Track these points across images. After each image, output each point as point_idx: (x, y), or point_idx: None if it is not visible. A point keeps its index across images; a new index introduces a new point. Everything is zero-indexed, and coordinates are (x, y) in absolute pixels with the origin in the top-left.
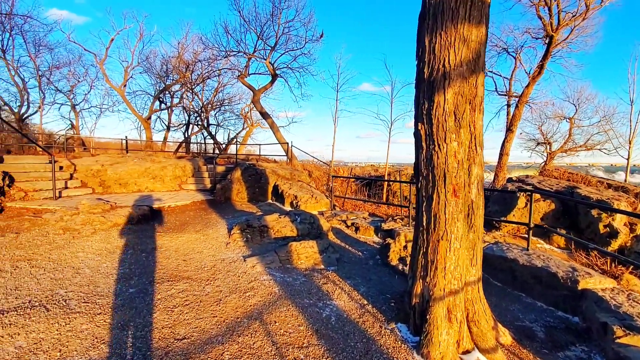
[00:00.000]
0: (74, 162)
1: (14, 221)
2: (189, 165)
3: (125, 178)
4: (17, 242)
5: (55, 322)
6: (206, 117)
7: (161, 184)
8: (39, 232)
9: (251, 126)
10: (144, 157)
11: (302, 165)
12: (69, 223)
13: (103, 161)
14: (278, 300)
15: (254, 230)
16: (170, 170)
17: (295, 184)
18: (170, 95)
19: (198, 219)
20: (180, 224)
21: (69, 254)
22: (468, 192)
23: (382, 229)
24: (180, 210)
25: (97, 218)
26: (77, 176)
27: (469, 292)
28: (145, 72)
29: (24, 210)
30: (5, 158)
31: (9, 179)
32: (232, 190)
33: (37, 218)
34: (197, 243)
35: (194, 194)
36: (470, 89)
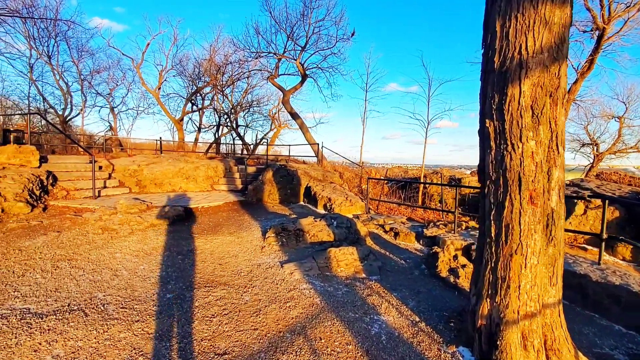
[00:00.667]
0: (112, 162)
1: (56, 219)
2: (220, 166)
3: (160, 178)
4: (58, 241)
5: (93, 329)
6: (235, 119)
7: (194, 184)
8: (79, 231)
9: (279, 127)
10: (178, 157)
11: (332, 167)
12: (107, 223)
13: (139, 161)
14: (321, 313)
15: (289, 234)
16: (202, 171)
17: (327, 185)
18: (202, 97)
19: (231, 221)
20: (214, 225)
21: (107, 255)
22: (547, 199)
23: (424, 235)
24: (213, 211)
25: (134, 218)
26: (115, 176)
27: (548, 316)
28: (179, 75)
29: (66, 208)
30: (49, 158)
31: (52, 178)
32: (263, 191)
33: (77, 217)
34: (232, 246)
35: (226, 195)
36: (552, 79)
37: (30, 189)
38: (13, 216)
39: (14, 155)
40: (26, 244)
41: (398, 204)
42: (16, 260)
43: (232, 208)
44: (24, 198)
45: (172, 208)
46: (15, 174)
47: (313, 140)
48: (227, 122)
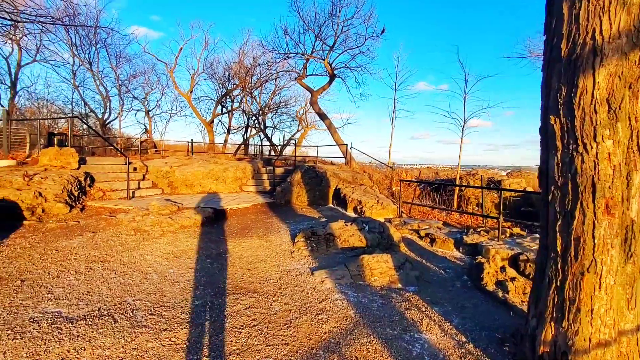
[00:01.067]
0: (146, 163)
1: (92, 220)
2: (249, 167)
3: (190, 179)
4: (93, 241)
5: (121, 336)
6: (263, 120)
7: (223, 185)
8: (113, 232)
9: (306, 128)
10: (208, 159)
11: (361, 168)
12: (140, 224)
13: (171, 163)
14: (356, 328)
15: (319, 239)
16: (231, 172)
17: (358, 187)
18: (231, 100)
19: (259, 223)
20: (242, 227)
21: (138, 257)
22: (627, 208)
23: (464, 242)
24: (242, 213)
25: (165, 220)
26: (148, 177)
27: (624, 345)
28: (209, 79)
29: (102, 209)
30: (88, 160)
31: (90, 179)
32: (292, 193)
33: (112, 217)
34: (260, 250)
35: (254, 196)
36: (631, 68)
37: (69, 190)
38: (53, 216)
39: (56, 157)
40: (63, 245)
41: (432, 207)
42: (53, 261)
43: (261, 210)
44: (63, 199)
45: (201, 210)
46: (56, 175)
47: (341, 140)
48: (255, 123)
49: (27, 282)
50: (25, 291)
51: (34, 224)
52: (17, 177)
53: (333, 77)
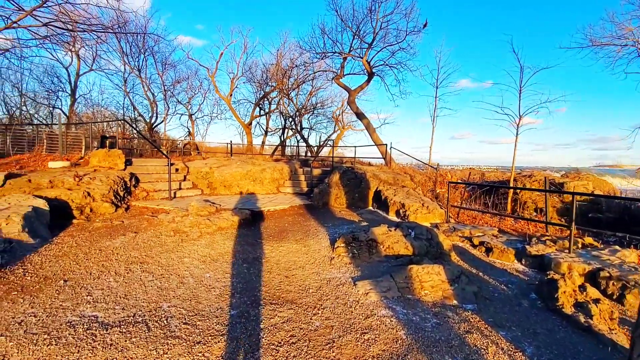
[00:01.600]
0: (187, 164)
1: (135, 220)
2: (286, 168)
3: (229, 180)
4: (134, 242)
5: (154, 348)
6: (299, 121)
7: (260, 187)
8: (154, 232)
9: (342, 129)
10: (246, 160)
11: (402, 169)
12: (179, 225)
13: (211, 164)
14: (409, 354)
15: (361, 245)
16: (269, 173)
17: (400, 190)
18: (269, 102)
19: (297, 226)
20: (280, 230)
21: (176, 259)
22: None
23: (527, 253)
24: (279, 215)
25: (203, 221)
26: (189, 178)
27: None
28: (248, 82)
29: (145, 209)
30: (133, 161)
31: (135, 180)
32: (330, 195)
33: (154, 218)
34: (298, 255)
35: (292, 198)
36: None
37: (115, 190)
38: (100, 215)
39: (104, 158)
40: (106, 244)
41: (483, 212)
42: (95, 261)
43: (298, 212)
44: (109, 199)
45: (239, 211)
46: (104, 176)
47: (380, 140)
48: (292, 125)
49: (69, 283)
50: (66, 292)
51: (82, 222)
52: (69, 178)
53: (371, 76)
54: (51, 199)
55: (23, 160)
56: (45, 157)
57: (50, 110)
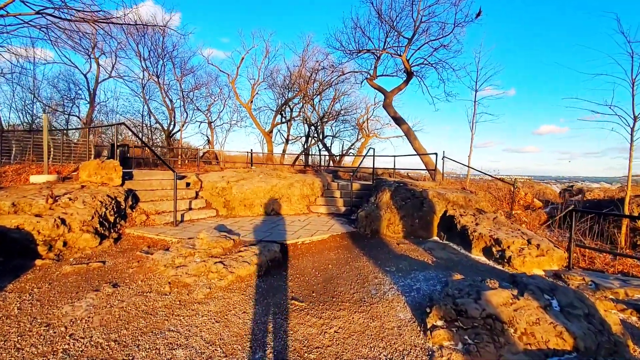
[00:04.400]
0: (200, 178)
1: (122, 259)
2: (317, 182)
3: (250, 198)
4: (106, 307)
5: None
6: (322, 129)
7: (288, 205)
8: (140, 286)
9: (367, 137)
10: (270, 172)
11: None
12: (179, 272)
13: (229, 177)
14: None
15: (476, 327)
16: (297, 189)
17: (482, 216)
18: (290, 109)
19: (346, 269)
20: (324, 279)
21: (164, 350)
22: None
23: None
24: (318, 250)
25: (214, 266)
26: (202, 194)
27: None
28: (269, 88)
29: (140, 240)
30: (134, 174)
31: (132, 199)
32: (380, 219)
33: (148, 256)
34: (366, 341)
35: (328, 221)
36: None
37: (102, 214)
38: (77, 251)
39: (96, 171)
40: (63, 312)
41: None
42: (33, 349)
43: (341, 244)
44: (92, 227)
45: (264, 247)
46: (89, 195)
47: (423, 149)
48: (314, 133)
49: None
50: None
51: (48, 264)
52: (40, 199)
53: (411, 75)
54: (10, 230)
55: (7, 173)
56: (32, 170)
57: (66, 118)
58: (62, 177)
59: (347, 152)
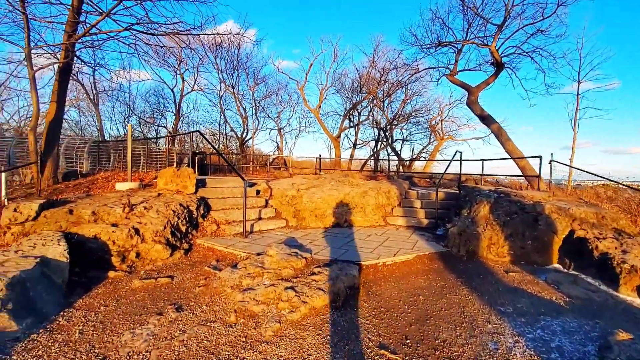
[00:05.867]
0: (270, 185)
1: (190, 276)
2: (393, 190)
3: (321, 207)
4: (168, 334)
5: None
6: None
7: (362, 216)
8: (205, 312)
9: (440, 139)
10: (341, 179)
11: (574, 193)
12: (246, 298)
13: (298, 184)
14: None
15: None
16: (372, 197)
17: (631, 241)
18: (358, 113)
19: (445, 307)
20: (417, 319)
21: None
22: None
23: None
24: (403, 274)
25: (285, 294)
26: (272, 203)
27: None
28: (337, 92)
29: (210, 252)
30: (207, 181)
31: (204, 208)
32: (479, 238)
33: (215, 274)
34: None
35: (411, 237)
36: None
37: (174, 224)
38: (148, 263)
39: (172, 179)
40: (122, 340)
41: None
42: None
43: (431, 267)
44: (164, 238)
45: (340, 270)
46: (163, 204)
47: (519, 151)
48: (383, 137)
49: None
50: None
51: (120, 277)
52: (118, 208)
53: (501, 67)
54: (88, 239)
55: (98, 180)
56: (119, 177)
57: (156, 129)
58: (143, 185)
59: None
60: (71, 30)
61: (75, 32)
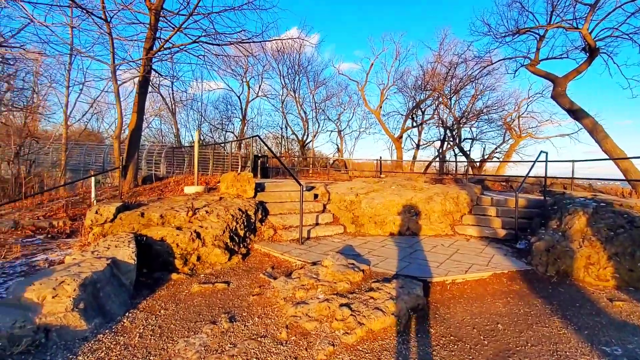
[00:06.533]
0: (329, 189)
1: (247, 280)
2: (462, 196)
3: (381, 214)
4: (219, 346)
5: None
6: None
7: (426, 223)
8: (257, 325)
9: (517, 137)
10: (403, 182)
11: None
12: (299, 312)
13: (357, 189)
14: None
15: None
16: (438, 203)
17: None
18: (422, 112)
19: (531, 341)
20: (495, 354)
21: None
22: None
23: None
24: (476, 295)
25: (340, 312)
26: (329, 208)
27: None
28: (399, 91)
29: (266, 258)
30: (266, 185)
31: (262, 212)
32: (573, 257)
33: (269, 283)
34: None
35: (485, 250)
36: None
37: (233, 229)
38: (208, 267)
39: (232, 183)
40: (176, 349)
41: None
42: None
43: (511, 289)
44: (223, 242)
45: (402, 287)
46: (223, 208)
47: (619, 150)
48: (450, 136)
49: None
50: None
51: (182, 280)
52: (182, 212)
53: (595, 52)
54: (155, 242)
55: (170, 183)
56: (189, 181)
57: (224, 134)
58: (208, 188)
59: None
60: (149, 46)
61: (152, 48)
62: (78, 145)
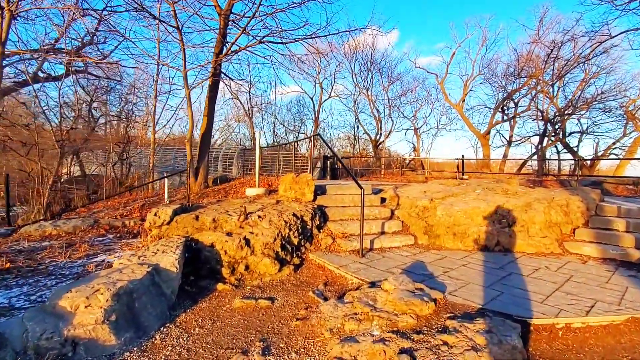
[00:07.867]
0: (398, 192)
1: (294, 298)
2: (575, 202)
3: (462, 223)
4: None
5: None
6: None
7: (524, 238)
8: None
9: None
10: (490, 185)
11: None
12: (345, 354)
13: (432, 193)
14: None
15: None
16: (539, 212)
17: None
18: (515, 103)
19: None
20: None
21: None
22: None
23: None
24: (605, 351)
25: (397, 357)
26: (398, 214)
27: None
28: (486, 82)
29: (320, 271)
30: (327, 188)
31: (320, 218)
32: None
33: (317, 305)
34: None
35: (613, 280)
36: None
37: (285, 236)
38: (256, 277)
39: (290, 186)
40: None
41: None
42: None
43: None
44: (273, 251)
45: (489, 328)
46: (276, 213)
47: None
48: (553, 130)
49: None
50: None
51: (226, 291)
52: (235, 216)
53: None
54: (205, 247)
55: (236, 185)
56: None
57: (296, 135)
58: (269, 190)
59: (607, 153)
60: (218, 50)
61: (221, 52)
62: (168, 149)
